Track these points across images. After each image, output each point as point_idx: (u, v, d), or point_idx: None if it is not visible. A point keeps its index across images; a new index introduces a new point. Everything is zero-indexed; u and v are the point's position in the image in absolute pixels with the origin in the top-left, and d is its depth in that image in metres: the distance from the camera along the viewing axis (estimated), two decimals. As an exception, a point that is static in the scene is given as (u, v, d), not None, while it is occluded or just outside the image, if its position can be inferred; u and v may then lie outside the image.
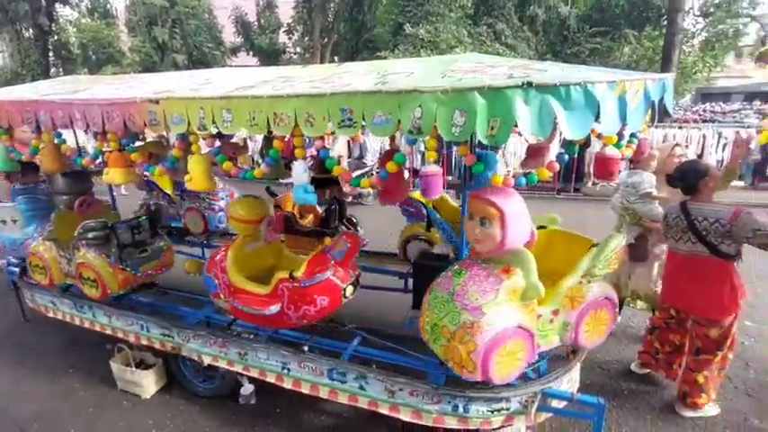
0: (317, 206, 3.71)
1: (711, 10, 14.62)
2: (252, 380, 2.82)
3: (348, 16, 16.14)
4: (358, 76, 2.11)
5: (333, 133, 2.48)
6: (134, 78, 3.35)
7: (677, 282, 2.75)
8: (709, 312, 2.60)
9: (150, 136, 3.19)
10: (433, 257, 2.91)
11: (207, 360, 2.82)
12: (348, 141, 8.91)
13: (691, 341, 2.75)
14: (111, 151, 2.61)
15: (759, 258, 2.73)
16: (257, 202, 2.79)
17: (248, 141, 8.83)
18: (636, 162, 3.34)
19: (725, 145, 8.20)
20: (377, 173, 2.12)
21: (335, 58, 17.69)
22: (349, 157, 8.93)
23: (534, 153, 2.45)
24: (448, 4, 14.32)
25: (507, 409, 2.21)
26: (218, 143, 2.63)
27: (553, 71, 1.74)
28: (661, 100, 1.78)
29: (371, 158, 8.30)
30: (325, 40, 16.14)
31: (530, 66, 1.86)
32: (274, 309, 2.47)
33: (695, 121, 12.20)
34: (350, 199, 7.23)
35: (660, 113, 9.10)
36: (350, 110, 1.73)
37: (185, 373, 3.13)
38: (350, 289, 2.60)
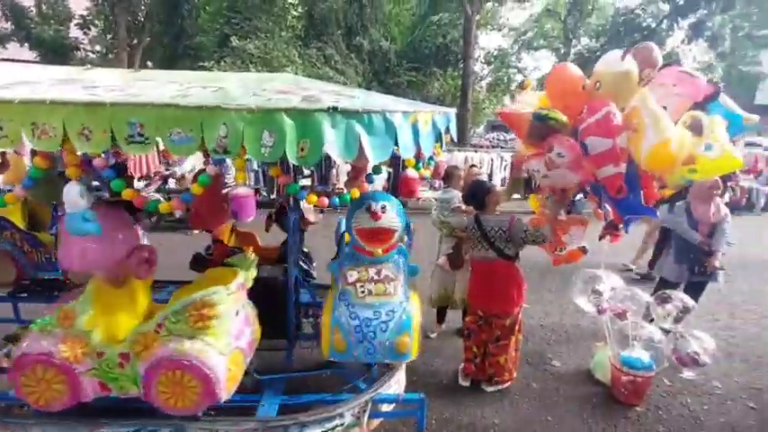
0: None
1: (492, 60, 18.60)
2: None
3: (164, 18, 14.42)
4: (156, 85, 1.88)
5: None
6: None
7: (479, 285, 3.27)
8: (505, 307, 3.16)
9: None
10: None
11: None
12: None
13: (491, 332, 3.25)
14: None
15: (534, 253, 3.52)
16: None
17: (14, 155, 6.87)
18: (446, 181, 3.92)
19: (506, 166, 10.39)
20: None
21: (149, 63, 15.56)
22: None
23: (355, 174, 2.61)
24: (278, 23, 14.31)
25: (342, 425, 2.24)
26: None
27: (361, 98, 1.88)
28: (447, 129, 2.11)
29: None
30: (135, 41, 13.99)
31: (341, 91, 1.97)
32: None
33: (487, 146, 15.17)
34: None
35: (461, 139, 10.86)
36: (140, 124, 1.50)
37: None
38: None
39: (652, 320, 3.39)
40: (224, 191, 2.51)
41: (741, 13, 17.00)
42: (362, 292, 2.35)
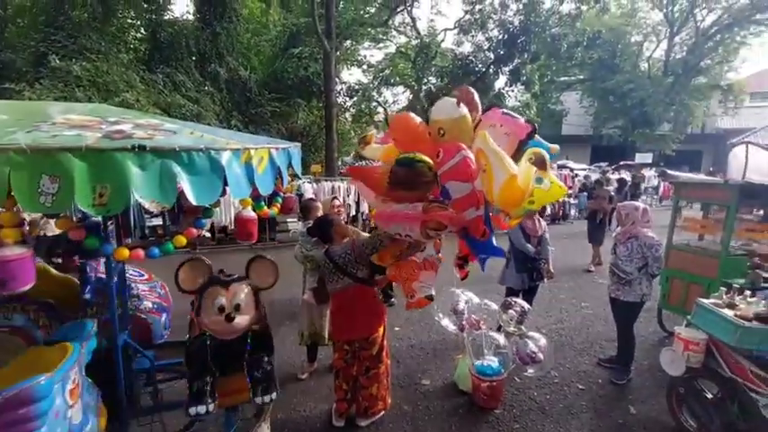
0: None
1: (354, 93, 19.61)
2: None
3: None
4: None
5: None
6: None
7: (339, 316, 3.20)
8: (366, 331, 3.13)
9: None
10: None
11: None
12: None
13: (360, 365, 3.19)
14: None
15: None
16: None
17: None
18: (305, 215, 3.83)
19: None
20: None
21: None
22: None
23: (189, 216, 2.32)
24: (115, 44, 12.68)
25: None
26: None
27: (183, 134, 1.68)
28: (290, 165, 2.03)
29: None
30: None
31: (159, 126, 1.74)
32: None
33: (356, 174, 15.66)
34: None
35: (328, 169, 10.95)
36: None
37: None
38: None
39: (500, 327, 3.79)
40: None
41: (545, 63, 21.53)
42: None
